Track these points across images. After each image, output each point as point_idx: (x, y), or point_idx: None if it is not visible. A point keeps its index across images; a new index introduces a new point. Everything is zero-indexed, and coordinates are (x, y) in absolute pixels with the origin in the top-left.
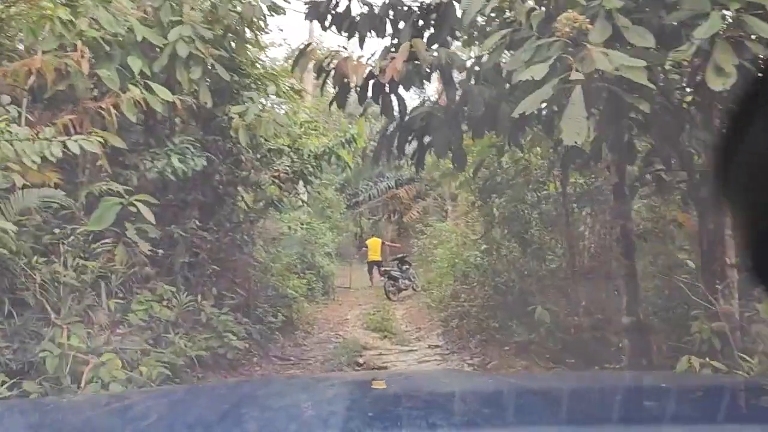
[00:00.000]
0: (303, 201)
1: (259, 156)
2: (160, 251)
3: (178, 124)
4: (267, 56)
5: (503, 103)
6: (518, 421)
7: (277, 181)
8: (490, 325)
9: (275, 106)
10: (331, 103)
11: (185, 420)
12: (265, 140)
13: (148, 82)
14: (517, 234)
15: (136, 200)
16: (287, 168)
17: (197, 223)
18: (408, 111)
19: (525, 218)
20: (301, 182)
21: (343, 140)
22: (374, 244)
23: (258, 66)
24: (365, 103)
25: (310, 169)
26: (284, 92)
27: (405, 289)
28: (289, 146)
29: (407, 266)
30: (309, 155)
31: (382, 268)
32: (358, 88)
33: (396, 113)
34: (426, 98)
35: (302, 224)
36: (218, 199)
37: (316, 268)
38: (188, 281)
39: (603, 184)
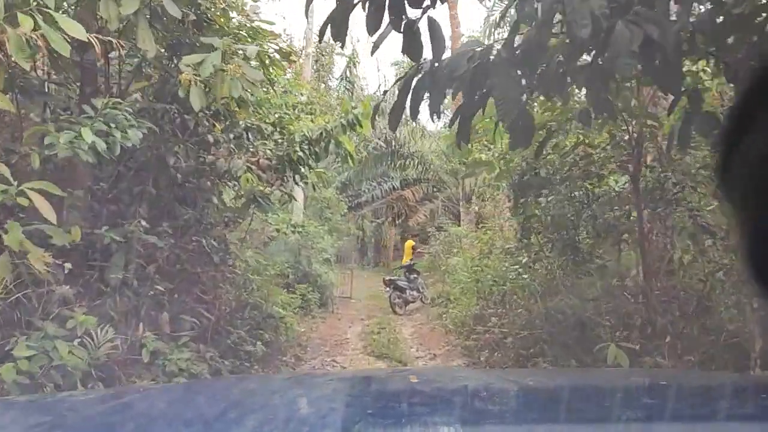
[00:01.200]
0: (290, 196)
1: (233, 136)
2: (68, 264)
3: (118, 83)
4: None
5: (619, 23)
6: (519, 418)
7: (254, 168)
8: (538, 364)
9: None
10: (322, 34)
11: (185, 417)
12: (242, 115)
13: (53, 13)
14: (569, 243)
15: (29, 189)
16: (270, 152)
17: (144, 224)
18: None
19: (580, 222)
20: (291, 175)
21: (345, 122)
22: (407, 247)
23: (233, 18)
24: (379, 36)
25: (301, 156)
26: (269, 56)
27: (413, 302)
28: (273, 125)
29: (415, 275)
30: (302, 139)
31: (387, 278)
32: (368, 3)
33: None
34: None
35: (294, 227)
36: (182, 192)
37: (312, 276)
38: (128, 304)
39: (685, 177)
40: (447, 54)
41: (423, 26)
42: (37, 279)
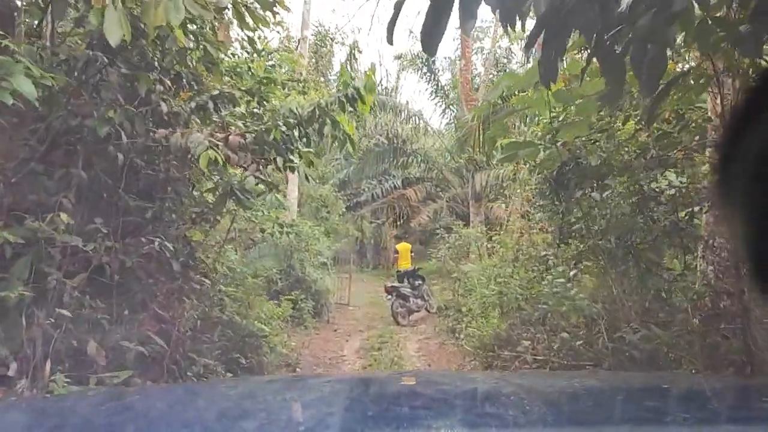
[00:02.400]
0: (270, 185)
1: (194, 105)
2: None
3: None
4: None
5: None
6: (519, 421)
7: (221, 146)
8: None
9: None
10: None
11: (185, 418)
12: (213, 82)
13: None
14: (630, 251)
15: None
16: (244, 126)
17: (66, 219)
18: None
19: (639, 225)
20: (272, 158)
21: (343, 97)
22: (404, 250)
23: None
24: None
25: (285, 133)
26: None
27: (417, 311)
28: (249, 92)
29: (419, 282)
30: (288, 114)
31: (389, 284)
32: None
33: None
34: None
35: (282, 226)
36: (137, 179)
37: (306, 283)
38: (35, 331)
39: None
40: None
41: None
42: None
